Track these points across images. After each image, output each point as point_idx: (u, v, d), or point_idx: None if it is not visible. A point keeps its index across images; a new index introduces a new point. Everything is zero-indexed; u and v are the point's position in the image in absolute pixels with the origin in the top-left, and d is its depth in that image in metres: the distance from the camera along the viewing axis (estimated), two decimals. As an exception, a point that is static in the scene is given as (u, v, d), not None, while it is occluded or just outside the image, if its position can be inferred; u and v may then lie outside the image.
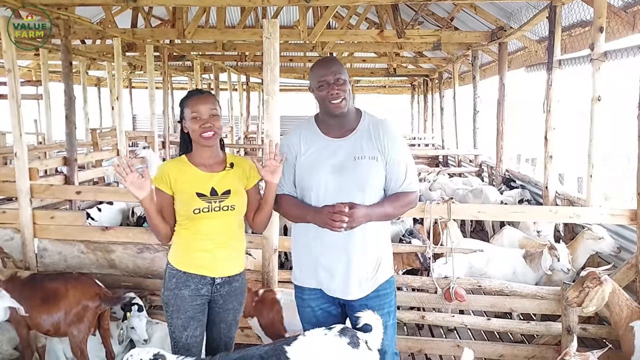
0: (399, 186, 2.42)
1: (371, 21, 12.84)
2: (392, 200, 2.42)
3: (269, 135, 3.73)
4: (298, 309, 2.62)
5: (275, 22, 3.66)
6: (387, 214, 2.41)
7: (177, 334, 2.55)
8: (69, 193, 5.06)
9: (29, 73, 15.41)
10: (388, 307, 2.51)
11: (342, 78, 2.36)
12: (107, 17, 9.35)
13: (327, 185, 2.37)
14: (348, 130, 2.44)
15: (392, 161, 2.39)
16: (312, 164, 2.42)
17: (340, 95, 2.34)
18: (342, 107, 2.36)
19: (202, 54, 13.20)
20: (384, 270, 2.50)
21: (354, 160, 2.37)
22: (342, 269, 2.39)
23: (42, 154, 9.76)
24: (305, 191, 2.44)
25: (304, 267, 2.51)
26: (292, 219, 2.55)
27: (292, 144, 2.48)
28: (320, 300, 2.51)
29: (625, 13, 5.17)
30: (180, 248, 2.56)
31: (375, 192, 2.40)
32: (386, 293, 2.50)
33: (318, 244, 2.41)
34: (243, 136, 17.46)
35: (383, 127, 2.43)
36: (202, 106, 2.48)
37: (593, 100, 4.92)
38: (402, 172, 2.41)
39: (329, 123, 2.45)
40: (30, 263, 4.18)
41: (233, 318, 2.69)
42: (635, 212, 3.95)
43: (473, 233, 7.85)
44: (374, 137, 2.40)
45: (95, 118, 18.17)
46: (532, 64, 8.22)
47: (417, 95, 20.96)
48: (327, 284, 2.44)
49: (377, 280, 2.46)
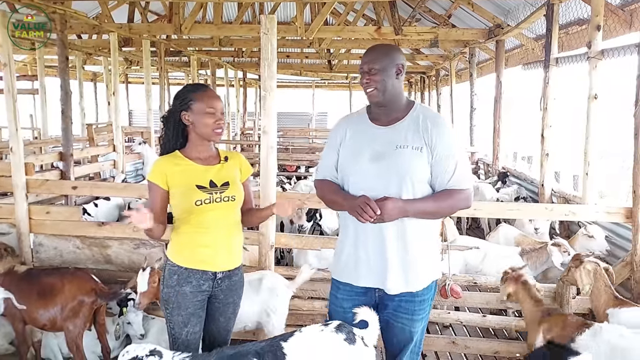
0: (445, 182, 2.28)
1: (368, 18, 12.81)
2: (437, 197, 2.29)
3: (265, 132, 3.72)
4: (330, 306, 2.56)
5: (272, 18, 3.65)
6: (427, 211, 2.27)
7: (176, 331, 2.54)
8: (65, 188, 5.05)
9: (24, 68, 15.32)
10: (423, 313, 2.42)
11: (375, 68, 2.31)
12: (104, 12, 9.32)
13: (365, 172, 2.31)
14: (395, 119, 2.37)
15: (439, 156, 2.27)
16: (353, 149, 2.38)
17: (370, 85, 2.32)
18: (374, 96, 2.32)
19: (199, 50, 13.17)
20: (427, 272, 2.39)
21: (396, 148, 2.29)
22: (379, 259, 2.32)
23: (37, 149, 9.72)
24: (345, 177, 2.40)
25: (342, 260, 2.44)
26: (331, 205, 2.51)
27: (339, 129, 2.47)
28: (354, 302, 2.42)
29: (622, 11, 5.19)
30: (181, 243, 2.54)
31: (416, 185, 2.27)
32: (423, 300, 2.40)
33: (357, 235, 2.37)
34: (240, 132, 17.44)
35: (433, 121, 2.33)
36: (218, 103, 2.52)
37: (589, 98, 4.94)
38: (450, 168, 2.27)
39: (376, 111, 2.42)
40: (25, 258, 4.17)
41: (232, 312, 2.70)
42: (631, 210, 3.97)
43: (469, 230, 7.88)
44: (422, 129, 2.30)
45: (91, 113, 18.13)
46: (529, 62, 8.23)
47: (414, 92, 20.97)
48: (364, 275, 2.36)
49: (419, 279, 2.36)
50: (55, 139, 10.33)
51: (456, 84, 12.78)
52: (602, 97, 4.92)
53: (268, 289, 3.53)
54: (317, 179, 2.55)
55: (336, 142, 2.46)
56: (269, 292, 3.52)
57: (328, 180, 2.48)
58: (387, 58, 2.33)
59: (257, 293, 3.48)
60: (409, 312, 2.38)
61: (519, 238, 5.14)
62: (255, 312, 3.46)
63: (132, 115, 24.97)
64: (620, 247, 4.56)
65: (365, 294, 2.42)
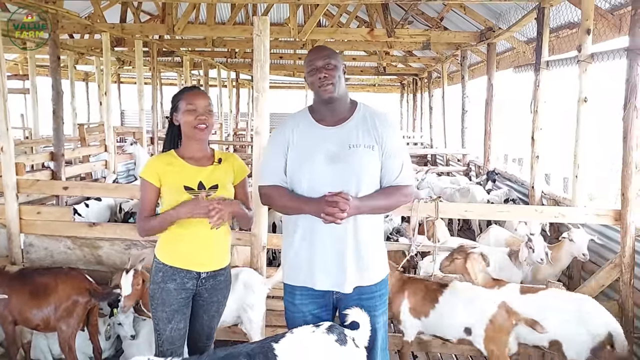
0: (393, 179, 2.34)
1: (361, 20, 12.86)
2: (385, 193, 2.33)
3: (258, 132, 3.73)
4: (287, 314, 2.51)
5: (265, 20, 3.66)
6: (379, 207, 2.32)
7: (161, 327, 2.57)
8: (56, 188, 5.02)
9: (15, 67, 15.23)
10: (382, 307, 2.47)
11: (332, 63, 2.31)
12: (96, 12, 9.28)
13: (320, 174, 2.29)
14: (342, 119, 2.37)
15: (388, 152, 2.33)
16: (304, 152, 2.33)
17: (328, 79, 2.29)
18: (330, 92, 2.30)
19: (192, 50, 13.14)
20: (379, 267, 2.44)
21: (349, 148, 2.30)
22: (335, 261, 2.32)
23: (29, 148, 9.66)
24: (297, 181, 2.34)
25: (295, 263, 2.41)
26: (284, 210, 2.43)
27: (285, 132, 2.40)
28: (313, 305, 2.43)
29: (612, 15, 5.24)
30: (167, 242, 2.58)
31: (371, 182, 2.32)
32: (381, 294, 2.45)
33: (310, 237, 2.34)
34: (232, 133, 17.41)
35: (380, 118, 2.39)
36: (200, 100, 2.53)
37: (579, 101, 4.98)
38: (397, 165, 2.34)
39: (322, 111, 2.39)
40: (16, 259, 4.14)
41: (216, 310, 2.72)
42: (620, 212, 4.02)
43: (460, 231, 7.93)
44: (370, 127, 2.34)
45: (83, 113, 18.02)
46: (520, 65, 8.28)
47: (406, 94, 21.03)
48: (321, 278, 2.35)
49: (372, 275, 2.40)
50: (46, 138, 10.28)
51: (448, 86, 12.85)
52: (591, 100, 4.97)
53: (244, 285, 3.55)
54: (264, 185, 2.43)
55: (282, 146, 2.39)
56: (245, 288, 3.54)
57: (278, 185, 2.40)
58: (338, 56, 2.38)
59: (233, 289, 3.48)
60: (370, 309, 2.40)
61: (510, 239, 5.18)
62: (233, 308, 3.46)
63: (124, 115, 24.89)
64: (609, 249, 4.60)
65: (323, 296, 2.42)
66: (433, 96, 14.83)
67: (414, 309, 3.58)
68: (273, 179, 2.41)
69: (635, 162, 3.99)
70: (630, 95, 3.92)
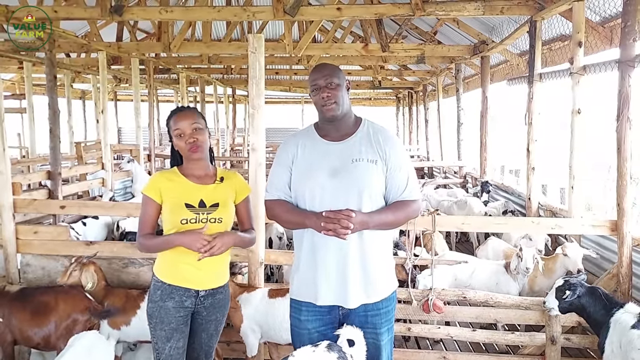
0: (399, 194, 2.34)
1: (356, 35, 12.97)
2: (392, 208, 2.33)
3: (254, 149, 3.75)
4: (293, 330, 2.48)
5: (260, 37, 3.70)
6: (386, 222, 2.31)
7: (160, 345, 2.56)
8: (53, 207, 5.01)
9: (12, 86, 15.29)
10: (388, 324, 2.43)
11: (334, 82, 2.32)
12: (92, 31, 9.37)
13: (323, 188, 2.29)
14: (346, 135, 2.39)
15: (392, 168, 2.33)
16: (308, 166, 2.35)
17: (331, 98, 2.31)
18: (333, 110, 2.32)
19: (188, 67, 13.22)
20: (386, 283, 2.41)
21: (352, 162, 2.31)
22: (338, 275, 2.30)
23: (25, 167, 9.66)
24: (300, 195, 2.36)
25: (301, 278, 2.40)
26: (287, 225, 2.46)
27: (290, 147, 2.43)
28: (318, 322, 2.39)
29: (602, 28, 5.30)
30: (166, 260, 2.58)
31: (374, 197, 2.32)
32: (388, 310, 2.42)
33: (314, 251, 2.33)
34: (229, 148, 17.44)
35: (384, 134, 2.40)
36: (183, 122, 2.54)
37: (573, 112, 5.01)
38: (403, 180, 2.34)
39: (327, 128, 2.42)
40: (13, 279, 4.13)
41: (215, 328, 2.71)
42: (616, 222, 4.03)
43: (458, 244, 7.92)
44: (374, 142, 2.36)
45: (80, 131, 18.06)
46: (514, 77, 8.31)
47: (402, 107, 21.13)
48: (324, 293, 2.32)
49: (379, 291, 2.37)
50: (43, 157, 10.28)
51: (443, 99, 12.91)
52: (585, 111, 5.00)
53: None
54: (269, 199, 2.45)
55: (288, 160, 2.42)
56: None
57: (282, 200, 2.41)
58: (341, 74, 2.39)
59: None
60: (376, 327, 2.38)
61: (508, 251, 5.17)
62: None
63: (121, 132, 24.93)
64: (606, 259, 4.60)
65: (329, 312, 2.39)
66: (429, 109, 14.90)
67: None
68: (278, 193, 2.43)
69: (630, 173, 4.01)
70: (623, 106, 3.96)
